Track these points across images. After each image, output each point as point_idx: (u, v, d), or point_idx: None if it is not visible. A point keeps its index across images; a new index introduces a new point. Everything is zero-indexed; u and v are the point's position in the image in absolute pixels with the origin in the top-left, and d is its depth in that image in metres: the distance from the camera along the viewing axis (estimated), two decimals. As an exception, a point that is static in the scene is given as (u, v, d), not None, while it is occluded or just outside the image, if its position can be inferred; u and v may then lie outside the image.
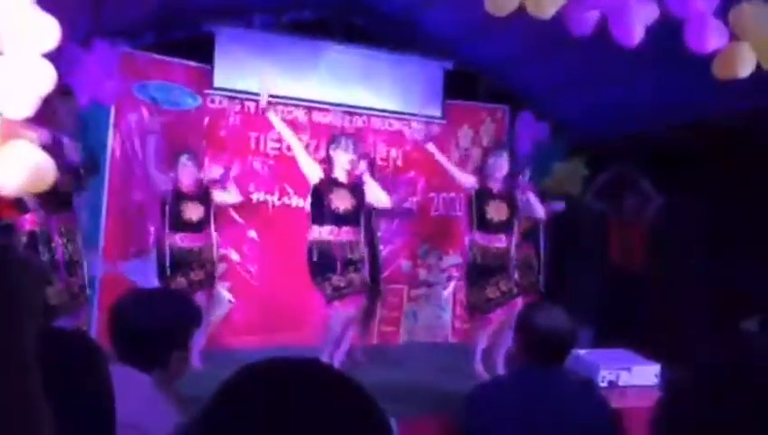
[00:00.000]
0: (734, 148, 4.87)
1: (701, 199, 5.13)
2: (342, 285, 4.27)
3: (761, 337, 2.15)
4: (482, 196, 4.75)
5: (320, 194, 4.37)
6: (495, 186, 4.75)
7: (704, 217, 5.18)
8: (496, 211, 4.70)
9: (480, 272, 4.69)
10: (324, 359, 4.21)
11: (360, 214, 4.45)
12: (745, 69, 3.60)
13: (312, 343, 4.52)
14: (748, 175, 4.86)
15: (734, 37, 3.58)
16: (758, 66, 3.61)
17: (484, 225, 4.71)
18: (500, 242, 4.70)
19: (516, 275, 4.78)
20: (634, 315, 5.15)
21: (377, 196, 4.59)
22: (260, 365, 0.76)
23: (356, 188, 4.45)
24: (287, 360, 0.78)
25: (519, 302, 4.52)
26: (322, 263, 4.30)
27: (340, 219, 4.34)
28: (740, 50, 3.58)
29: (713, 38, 3.50)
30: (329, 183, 4.38)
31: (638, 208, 5.57)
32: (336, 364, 4.27)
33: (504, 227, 4.71)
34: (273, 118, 4.61)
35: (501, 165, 4.73)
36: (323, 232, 4.34)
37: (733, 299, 4.61)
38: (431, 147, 4.92)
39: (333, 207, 4.32)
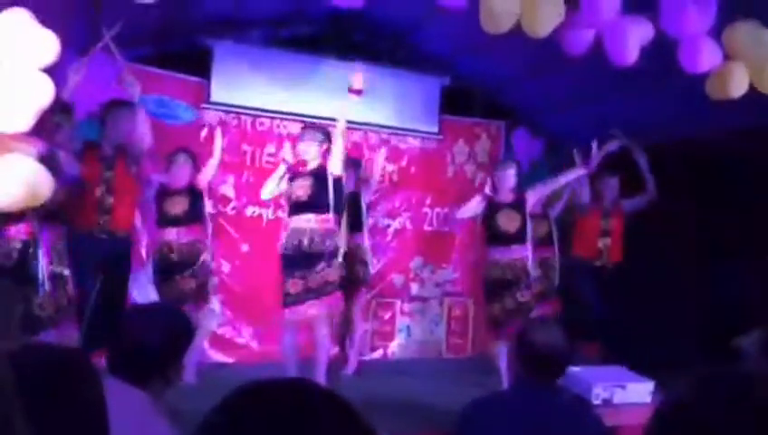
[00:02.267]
0: (726, 165, 4.91)
1: (689, 214, 5.19)
2: (297, 290, 4.16)
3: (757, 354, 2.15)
4: (493, 208, 4.74)
5: (288, 187, 4.35)
6: (507, 198, 4.75)
7: (695, 229, 5.24)
8: (509, 222, 4.68)
9: (497, 285, 4.66)
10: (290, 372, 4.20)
11: (324, 200, 4.27)
12: (738, 89, 3.64)
13: (304, 356, 4.50)
14: (740, 190, 4.90)
15: (727, 57, 3.62)
16: (751, 86, 3.65)
17: (498, 238, 4.70)
18: (515, 253, 4.68)
19: (534, 286, 4.76)
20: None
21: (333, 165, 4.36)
22: (250, 388, 0.77)
23: (318, 175, 4.31)
24: (277, 382, 0.79)
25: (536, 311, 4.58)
26: (286, 259, 4.24)
27: (301, 207, 4.25)
28: (733, 70, 3.62)
29: (706, 58, 3.55)
30: (292, 176, 4.35)
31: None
32: (320, 377, 4.22)
33: (518, 238, 4.69)
34: None
35: (509, 177, 4.75)
36: (291, 222, 4.30)
37: (724, 310, 4.66)
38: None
39: (295, 196, 4.27)
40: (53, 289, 3.60)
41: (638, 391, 3.63)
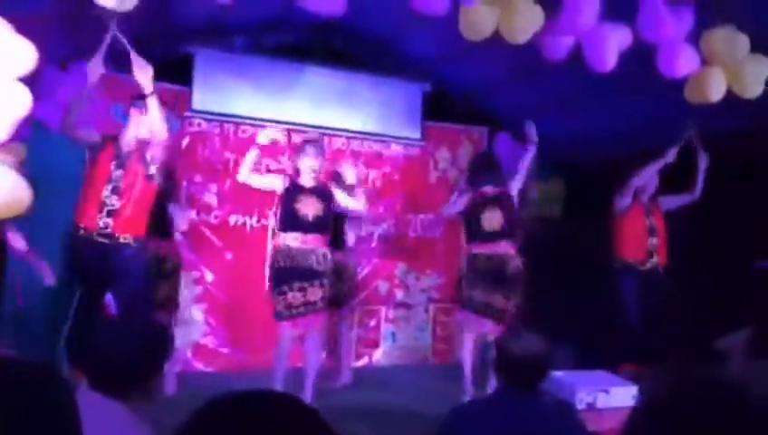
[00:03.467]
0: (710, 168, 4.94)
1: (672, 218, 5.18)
2: (297, 303, 4.11)
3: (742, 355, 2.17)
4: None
5: (286, 200, 4.25)
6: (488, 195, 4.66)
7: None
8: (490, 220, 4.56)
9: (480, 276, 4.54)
10: (277, 384, 4.10)
11: (329, 222, 4.30)
12: (717, 93, 3.69)
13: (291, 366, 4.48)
14: (725, 193, 4.94)
15: (705, 62, 3.66)
16: (729, 91, 3.70)
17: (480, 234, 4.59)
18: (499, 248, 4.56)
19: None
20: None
21: (345, 202, 4.43)
22: (219, 400, 0.78)
23: (324, 193, 4.30)
24: (247, 394, 0.80)
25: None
26: (283, 271, 4.14)
27: (308, 226, 4.18)
28: (711, 75, 3.66)
29: (684, 63, 3.59)
30: (295, 189, 4.25)
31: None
32: (309, 387, 4.20)
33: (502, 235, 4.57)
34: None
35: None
36: (288, 238, 4.18)
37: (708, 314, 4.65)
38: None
39: (302, 214, 4.18)
40: None
41: (622, 396, 3.64)
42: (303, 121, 5.63)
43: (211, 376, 5.13)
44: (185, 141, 5.29)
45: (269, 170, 5.24)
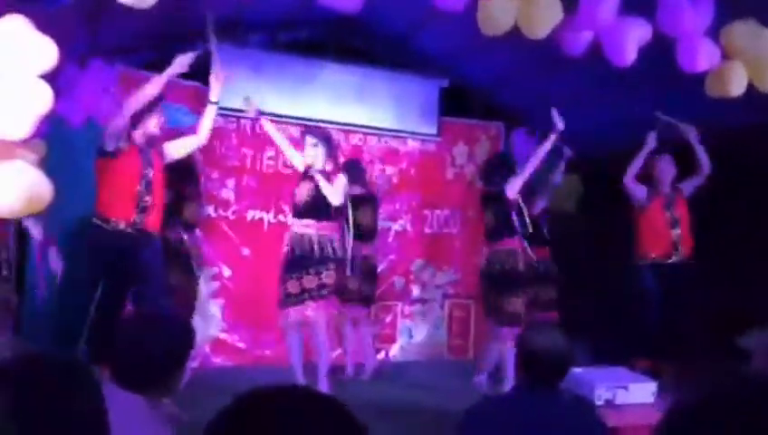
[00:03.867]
0: (729, 163, 4.89)
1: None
2: (298, 290, 4.23)
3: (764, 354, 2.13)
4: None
5: (303, 186, 4.36)
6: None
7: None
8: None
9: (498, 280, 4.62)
10: (298, 377, 4.23)
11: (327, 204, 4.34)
12: (738, 87, 3.65)
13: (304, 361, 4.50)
14: (742, 189, 4.89)
15: (725, 56, 3.62)
16: (750, 84, 3.66)
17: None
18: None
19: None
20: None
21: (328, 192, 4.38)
22: (252, 394, 0.78)
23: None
24: (278, 388, 0.80)
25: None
26: (297, 257, 4.27)
27: (321, 213, 4.31)
28: (732, 69, 3.62)
29: (704, 57, 3.55)
30: (309, 177, 4.36)
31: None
32: (323, 381, 4.24)
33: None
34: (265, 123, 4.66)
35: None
36: (299, 225, 4.34)
37: (726, 314, 4.59)
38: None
39: (321, 200, 4.29)
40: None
41: (641, 392, 3.61)
42: (320, 117, 5.63)
43: (229, 371, 5.15)
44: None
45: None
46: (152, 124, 3.86)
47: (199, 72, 5.21)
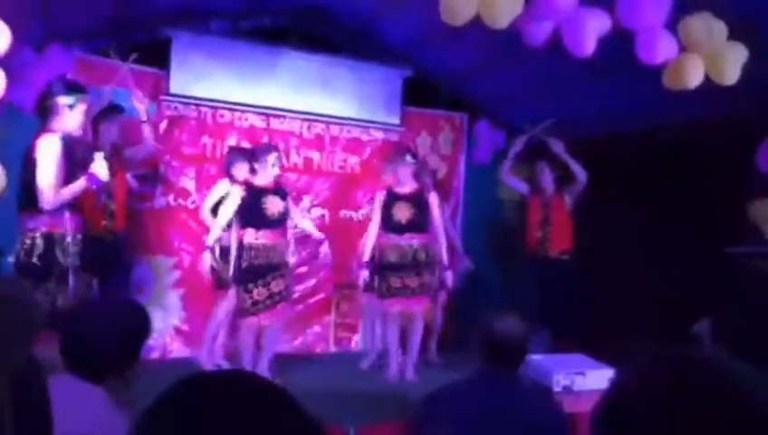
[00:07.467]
0: (682, 156, 4.99)
1: (647, 205, 5.24)
2: (260, 298, 4.40)
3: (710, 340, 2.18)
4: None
5: (251, 199, 4.43)
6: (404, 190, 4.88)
7: (646, 221, 5.31)
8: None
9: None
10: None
11: (287, 218, 4.60)
12: (695, 80, 3.70)
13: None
14: (694, 182, 4.99)
15: (683, 49, 3.68)
16: (707, 77, 3.72)
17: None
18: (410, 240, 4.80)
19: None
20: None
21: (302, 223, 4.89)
22: (189, 380, 0.77)
23: (283, 193, 4.58)
24: (215, 373, 0.81)
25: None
26: (249, 269, 4.40)
27: (272, 223, 4.45)
28: (689, 61, 3.68)
29: (662, 49, 3.60)
30: (258, 189, 4.47)
31: (559, 185, 5.51)
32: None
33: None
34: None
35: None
36: (255, 235, 4.43)
37: (674, 302, 4.70)
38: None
39: (269, 213, 4.43)
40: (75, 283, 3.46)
41: (598, 378, 3.67)
42: (282, 106, 5.59)
43: (189, 361, 5.10)
44: (162, 125, 5.22)
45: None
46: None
47: (158, 59, 5.17)
